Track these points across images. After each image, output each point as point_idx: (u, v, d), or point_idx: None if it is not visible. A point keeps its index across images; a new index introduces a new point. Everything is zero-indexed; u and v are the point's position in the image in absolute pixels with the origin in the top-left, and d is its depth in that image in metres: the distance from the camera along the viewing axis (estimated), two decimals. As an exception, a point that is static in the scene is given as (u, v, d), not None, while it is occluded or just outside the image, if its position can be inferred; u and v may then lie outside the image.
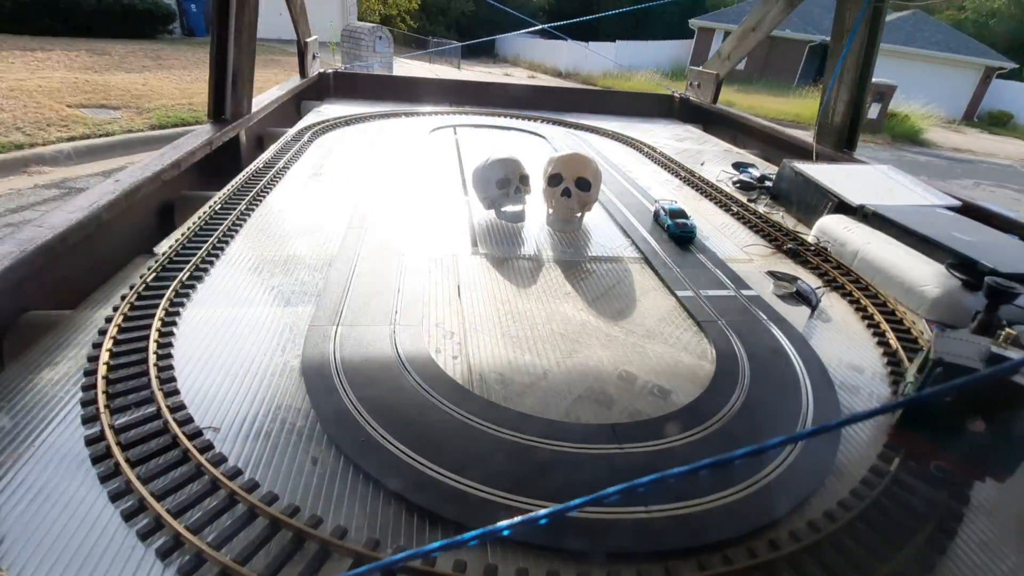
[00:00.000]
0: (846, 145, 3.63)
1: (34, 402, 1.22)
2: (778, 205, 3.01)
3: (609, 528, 1.02)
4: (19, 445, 1.10)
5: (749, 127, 4.62)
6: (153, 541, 0.93)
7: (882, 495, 1.13)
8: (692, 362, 1.59)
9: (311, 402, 1.28)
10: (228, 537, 0.93)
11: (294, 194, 2.59)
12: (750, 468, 1.18)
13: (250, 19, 3.12)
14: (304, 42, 4.62)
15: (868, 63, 3.39)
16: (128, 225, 2.09)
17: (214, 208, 2.25)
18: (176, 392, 1.27)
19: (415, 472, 1.10)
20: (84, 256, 1.79)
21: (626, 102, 5.81)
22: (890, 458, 1.25)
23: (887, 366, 1.64)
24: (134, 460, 1.06)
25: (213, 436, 1.16)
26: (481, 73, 18.82)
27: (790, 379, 1.51)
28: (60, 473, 1.05)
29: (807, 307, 1.95)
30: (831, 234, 2.43)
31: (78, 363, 1.34)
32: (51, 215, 1.73)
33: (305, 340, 1.49)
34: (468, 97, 5.10)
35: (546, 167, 2.47)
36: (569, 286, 1.96)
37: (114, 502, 0.99)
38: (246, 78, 3.22)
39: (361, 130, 3.91)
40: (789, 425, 1.35)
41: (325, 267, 1.91)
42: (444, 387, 1.35)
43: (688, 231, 2.39)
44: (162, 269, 1.75)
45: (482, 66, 22.56)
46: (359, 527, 1.00)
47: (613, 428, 1.27)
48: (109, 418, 1.15)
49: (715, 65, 5.26)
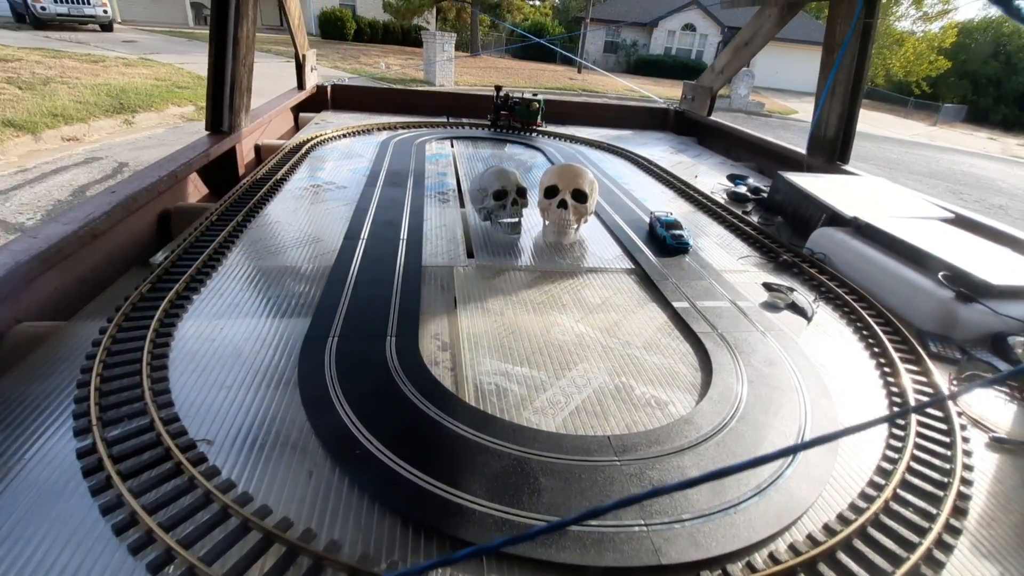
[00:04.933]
0: (839, 158, 3.67)
1: (26, 414, 1.20)
2: (773, 217, 3.03)
3: (606, 541, 1.01)
4: (10, 457, 1.09)
5: (743, 140, 4.67)
6: (145, 555, 0.92)
7: (881, 510, 1.13)
8: (688, 373, 1.59)
9: (306, 414, 1.27)
10: (220, 551, 0.92)
11: (291, 206, 2.59)
12: (747, 479, 1.18)
13: (248, 32, 3.15)
14: (302, 54, 4.66)
15: (859, 77, 3.45)
16: (124, 236, 2.08)
17: (211, 219, 2.25)
18: (170, 404, 1.26)
19: (410, 485, 1.09)
20: (79, 267, 1.79)
21: (621, 114, 5.86)
22: (888, 472, 1.25)
23: (882, 376, 1.64)
24: (126, 473, 1.05)
25: (207, 449, 1.15)
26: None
27: (787, 389, 1.51)
28: (51, 486, 1.04)
29: (803, 318, 1.96)
30: (825, 246, 2.45)
31: (71, 375, 1.32)
32: (46, 226, 1.73)
33: (300, 352, 1.49)
34: (464, 110, 5.14)
35: (542, 179, 2.49)
36: (565, 297, 1.96)
37: (105, 516, 0.98)
38: (244, 90, 3.24)
39: (358, 142, 3.93)
40: (786, 436, 1.35)
41: (321, 279, 1.91)
42: (440, 399, 1.34)
43: (683, 243, 2.41)
44: (158, 280, 1.74)
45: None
46: (353, 541, 0.99)
47: (610, 439, 1.27)
48: (101, 430, 1.14)
49: (709, 79, 5.33)
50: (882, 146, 14.18)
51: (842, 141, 3.65)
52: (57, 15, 13.95)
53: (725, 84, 5.40)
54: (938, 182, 10.35)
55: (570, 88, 17.69)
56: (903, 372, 1.62)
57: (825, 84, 3.59)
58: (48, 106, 6.68)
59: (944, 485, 1.20)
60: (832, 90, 3.57)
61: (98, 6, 14.51)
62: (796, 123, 16.47)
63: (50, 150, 5.88)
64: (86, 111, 6.92)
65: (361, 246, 2.18)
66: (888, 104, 27.23)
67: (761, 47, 4.76)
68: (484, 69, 19.28)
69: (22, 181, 4.85)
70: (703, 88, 5.36)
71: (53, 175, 5.07)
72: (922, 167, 11.90)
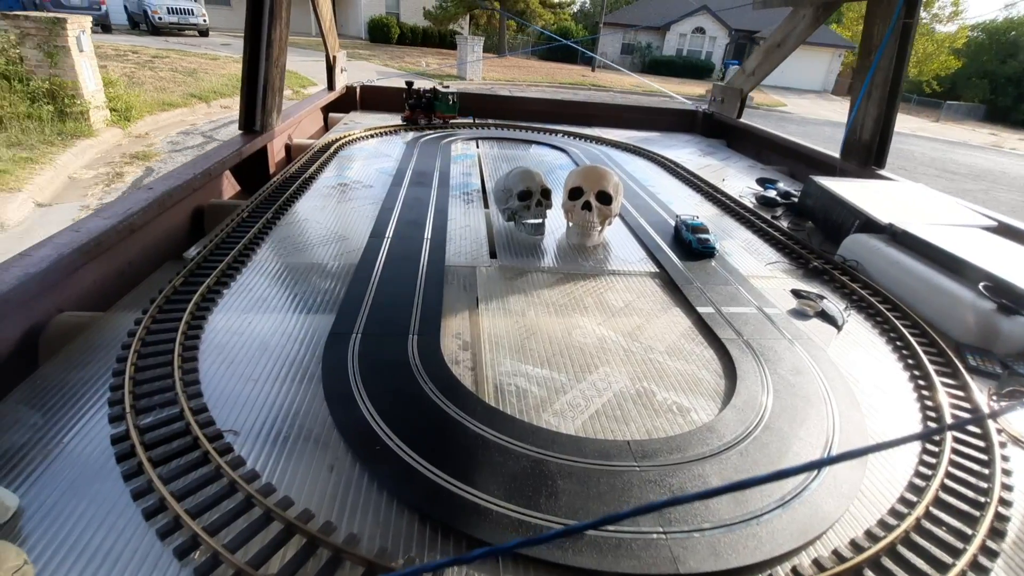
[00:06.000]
0: (874, 162, 3.56)
1: (65, 399, 1.26)
2: (803, 222, 2.95)
3: (623, 547, 1.00)
4: (50, 440, 1.14)
5: (774, 142, 4.57)
6: (172, 540, 0.95)
7: (913, 528, 1.09)
8: (712, 379, 1.56)
9: (329, 409, 1.29)
10: (243, 540, 0.94)
11: (319, 204, 2.64)
12: (771, 490, 1.15)
13: (281, 34, 3.23)
14: (332, 56, 4.75)
15: (897, 80, 3.33)
16: (160, 231, 2.15)
17: (242, 216, 2.31)
18: (199, 395, 1.30)
19: (429, 483, 1.10)
20: (117, 260, 1.86)
21: (648, 116, 5.80)
22: (921, 488, 1.20)
23: (916, 390, 1.58)
24: (156, 460, 1.09)
25: (233, 439, 1.18)
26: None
27: (814, 400, 1.47)
28: (87, 469, 1.08)
29: (833, 327, 1.90)
30: (858, 253, 2.37)
31: (107, 364, 1.38)
32: (88, 220, 1.80)
33: (325, 347, 1.51)
34: (491, 111, 5.16)
35: (567, 180, 2.48)
36: (588, 300, 1.95)
37: (136, 500, 1.02)
38: (275, 90, 3.32)
39: (385, 142, 3.98)
40: (812, 448, 1.31)
41: (346, 276, 1.94)
42: (460, 398, 1.35)
43: (709, 247, 2.37)
44: (190, 274, 1.80)
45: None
46: (372, 535, 1.00)
47: (629, 444, 1.25)
48: (134, 418, 1.18)
49: (739, 81, 5.23)
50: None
51: (878, 146, 3.54)
52: (169, 23, 17.33)
53: (757, 86, 5.28)
54: (905, 162, 11.89)
55: (581, 84, 19.55)
56: (939, 386, 1.55)
57: (861, 87, 3.49)
58: (205, 86, 10.08)
59: (981, 505, 1.15)
60: (868, 93, 3.47)
61: (199, 16, 17.81)
62: (784, 114, 18.66)
63: (216, 112, 9.36)
64: (228, 90, 10.09)
65: (386, 245, 2.20)
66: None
67: (794, 49, 4.65)
68: (509, 68, 21.93)
69: (217, 126, 8.41)
70: (733, 90, 5.26)
71: (230, 123, 8.59)
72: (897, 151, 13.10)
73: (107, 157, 6.45)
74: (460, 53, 18.00)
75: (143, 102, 8.17)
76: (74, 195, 5.28)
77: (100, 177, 5.78)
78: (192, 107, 9.05)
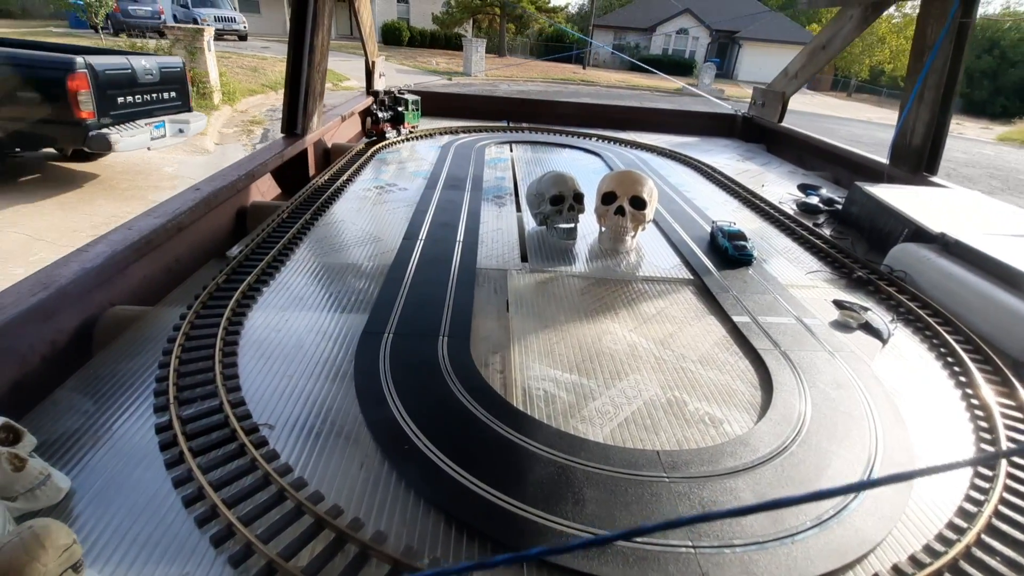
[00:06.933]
0: (925, 168, 3.39)
1: (115, 389, 1.32)
2: (847, 230, 2.84)
3: (650, 560, 0.98)
4: (100, 427, 1.20)
5: (817, 147, 4.41)
6: (209, 528, 0.98)
7: (962, 555, 1.02)
8: (747, 391, 1.52)
9: (360, 407, 1.32)
10: (276, 531, 0.97)
11: (355, 206, 2.71)
12: (807, 508, 1.10)
13: (323, 40, 3.33)
14: (372, 61, 4.86)
15: (952, 82, 3.17)
16: (205, 230, 2.25)
17: (282, 217, 2.39)
18: (237, 388, 1.34)
19: (455, 484, 1.10)
20: (166, 257, 1.95)
21: (685, 120, 5.70)
22: (972, 515, 1.13)
23: (968, 409, 1.49)
24: (196, 450, 1.13)
25: (268, 433, 1.22)
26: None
27: (856, 415, 1.41)
28: (132, 456, 1.13)
29: (877, 340, 1.82)
30: (906, 263, 2.26)
31: (154, 356, 1.44)
32: (139, 219, 1.89)
33: (357, 347, 1.55)
34: (525, 115, 5.17)
35: (600, 184, 2.46)
36: (619, 306, 1.93)
37: (176, 488, 1.06)
38: (317, 95, 3.42)
39: (420, 145, 4.04)
40: (853, 466, 1.25)
41: (380, 276, 1.98)
42: (488, 401, 1.35)
43: (747, 254, 2.30)
44: (232, 272, 1.86)
45: None
46: (398, 534, 1.01)
47: (659, 455, 1.23)
48: (177, 408, 1.24)
49: (781, 84, 5.08)
50: (824, 123, 16.34)
51: (930, 151, 3.37)
52: (216, 30, 20.10)
53: (799, 89, 5.12)
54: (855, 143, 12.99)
55: (572, 79, 22.31)
56: (995, 407, 1.46)
57: (912, 89, 3.33)
58: (271, 79, 12.67)
59: (1039, 535, 1.08)
60: (920, 95, 3.31)
61: (240, 23, 20.52)
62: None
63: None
64: (288, 83, 12.68)
65: (419, 247, 2.24)
66: (862, 94, 31.78)
67: (840, 50, 4.48)
68: (508, 66, 24.91)
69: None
70: (774, 93, 5.11)
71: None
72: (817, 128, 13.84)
73: (232, 122, 9.44)
74: (465, 53, 20.35)
75: (239, 89, 11.08)
76: (228, 142, 8.33)
77: (238, 133, 8.89)
78: (266, 94, 11.96)
